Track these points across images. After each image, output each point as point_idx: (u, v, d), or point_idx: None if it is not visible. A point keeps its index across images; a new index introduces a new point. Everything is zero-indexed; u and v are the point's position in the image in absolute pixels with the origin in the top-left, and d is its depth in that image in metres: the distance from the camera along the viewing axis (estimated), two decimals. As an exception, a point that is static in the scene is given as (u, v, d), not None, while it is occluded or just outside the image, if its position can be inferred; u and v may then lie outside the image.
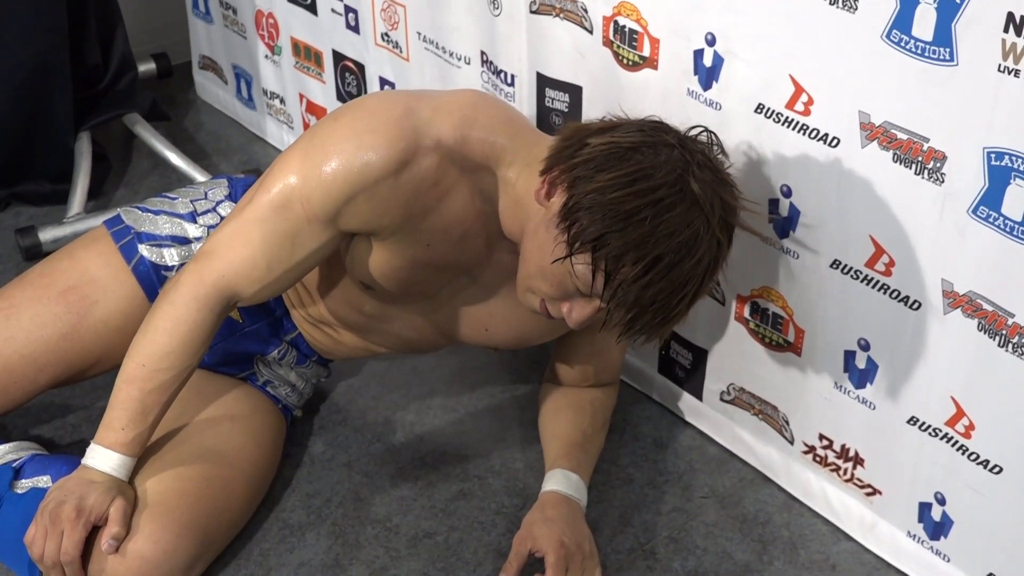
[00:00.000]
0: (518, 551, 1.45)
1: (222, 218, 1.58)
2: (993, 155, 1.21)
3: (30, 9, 2.05)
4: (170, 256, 1.56)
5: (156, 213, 1.59)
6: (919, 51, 1.22)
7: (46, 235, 2.09)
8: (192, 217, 1.59)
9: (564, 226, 1.26)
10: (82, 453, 1.43)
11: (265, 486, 1.58)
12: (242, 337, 1.60)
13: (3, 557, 1.48)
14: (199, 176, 2.25)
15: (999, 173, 1.21)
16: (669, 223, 1.22)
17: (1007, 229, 1.22)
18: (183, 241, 1.57)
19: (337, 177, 1.33)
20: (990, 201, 1.23)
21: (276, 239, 1.37)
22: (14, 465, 1.51)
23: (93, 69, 2.29)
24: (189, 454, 1.48)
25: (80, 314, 1.52)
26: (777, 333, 1.55)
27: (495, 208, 1.39)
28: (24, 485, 1.48)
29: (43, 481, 1.48)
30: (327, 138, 1.35)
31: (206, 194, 1.63)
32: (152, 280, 1.55)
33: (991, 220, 1.23)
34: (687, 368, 1.72)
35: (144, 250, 1.55)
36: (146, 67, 2.56)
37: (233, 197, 1.62)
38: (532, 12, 1.64)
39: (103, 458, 1.40)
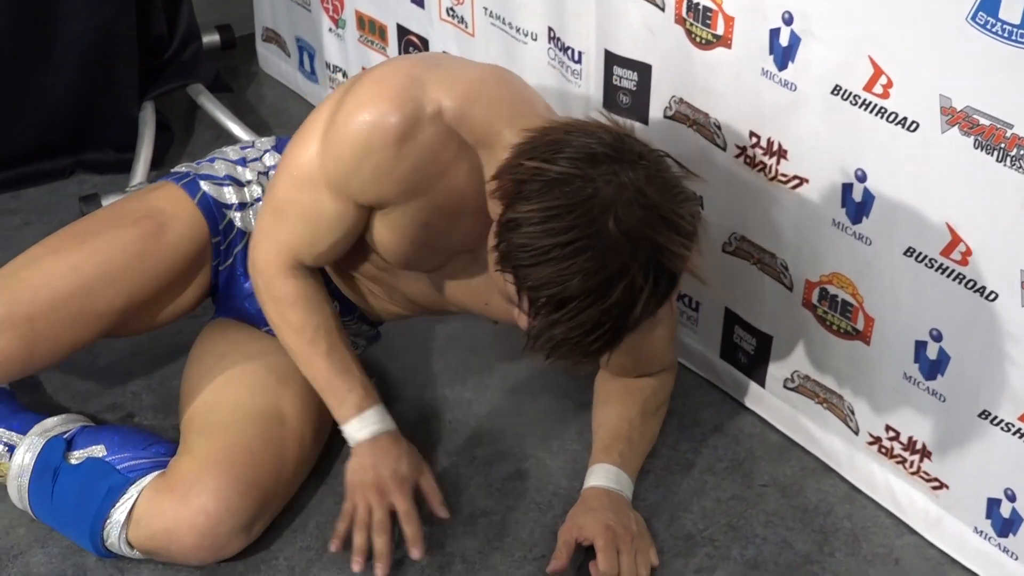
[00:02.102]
0: (565, 540, 1.44)
1: (268, 167, 1.63)
2: (1082, 143, 1.17)
3: (98, -22, 2.06)
4: (228, 194, 1.59)
5: (211, 160, 1.64)
6: (1006, 34, 1.18)
7: (109, 203, 2.10)
8: (243, 162, 1.63)
9: (495, 243, 1.22)
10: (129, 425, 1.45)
11: (317, 448, 1.59)
12: None
13: (62, 527, 1.50)
14: (261, 148, 2.25)
15: (1087, 162, 1.17)
16: (577, 266, 1.14)
17: (1093, 220, 1.19)
18: (238, 183, 1.60)
19: (344, 149, 1.34)
20: (1076, 191, 1.19)
21: (310, 217, 1.41)
22: (65, 437, 1.52)
23: (158, 39, 2.30)
24: (245, 414, 1.50)
25: (154, 236, 1.55)
26: (846, 321, 1.51)
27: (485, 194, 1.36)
28: (78, 456, 1.50)
29: (97, 451, 1.50)
30: (339, 110, 1.35)
31: (253, 143, 1.69)
32: (214, 213, 1.58)
33: (1077, 210, 1.20)
34: (750, 354, 1.69)
35: (205, 186, 1.58)
36: (210, 39, 2.56)
37: (278, 148, 1.65)
38: (604, -10, 1.62)
39: (364, 423, 1.47)
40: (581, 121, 1.26)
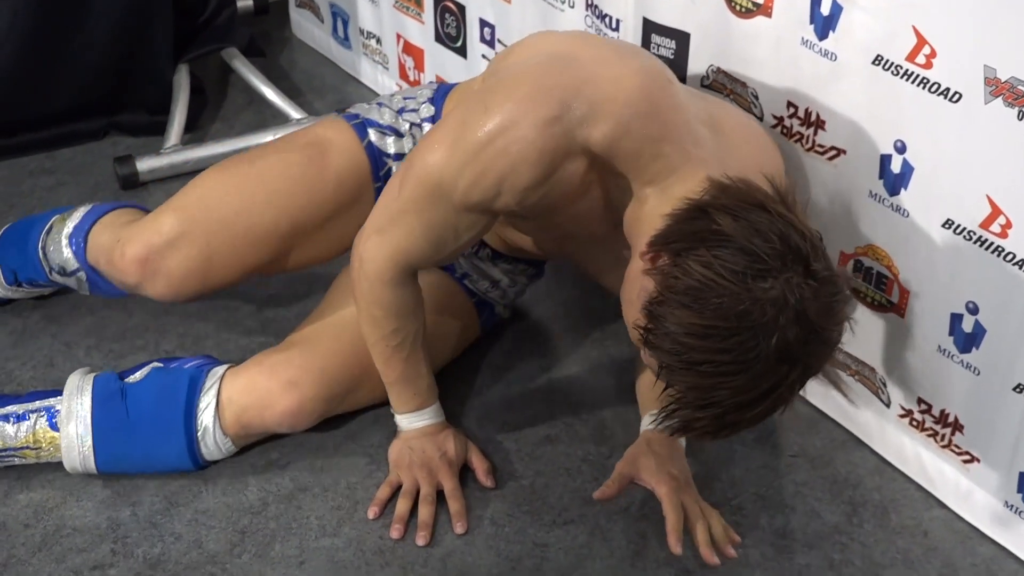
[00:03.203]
0: (621, 473, 1.44)
1: (422, 120, 1.60)
2: None
3: (135, -59, 2.07)
4: (390, 144, 1.59)
5: (379, 105, 1.63)
6: (1054, 4, 1.17)
7: (143, 165, 2.11)
8: (403, 112, 1.62)
9: (643, 316, 1.19)
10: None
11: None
12: None
13: (148, 446, 1.50)
14: (294, 113, 2.25)
15: None
16: (729, 383, 1.14)
17: None
18: (399, 133, 1.60)
19: (487, 176, 1.30)
20: (1121, 163, 1.18)
21: (435, 228, 1.38)
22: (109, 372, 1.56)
23: (193, 2, 2.31)
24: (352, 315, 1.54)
25: (320, 165, 1.56)
26: (880, 293, 1.51)
27: (623, 208, 1.35)
28: (137, 376, 1.53)
29: (154, 365, 1.55)
30: (476, 131, 1.30)
31: (417, 92, 1.65)
32: (377, 160, 1.59)
33: (1120, 183, 1.19)
34: (783, 325, 1.69)
35: (372, 133, 1.59)
36: (243, 3, 2.58)
37: (435, 100, 1.62)
38: (644, -43, 1.61)
39: (414, 419, 1.54)
40: (745, 192, 1.19)
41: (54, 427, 1.51)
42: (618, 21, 1.71)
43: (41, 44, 2.09)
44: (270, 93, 2.31)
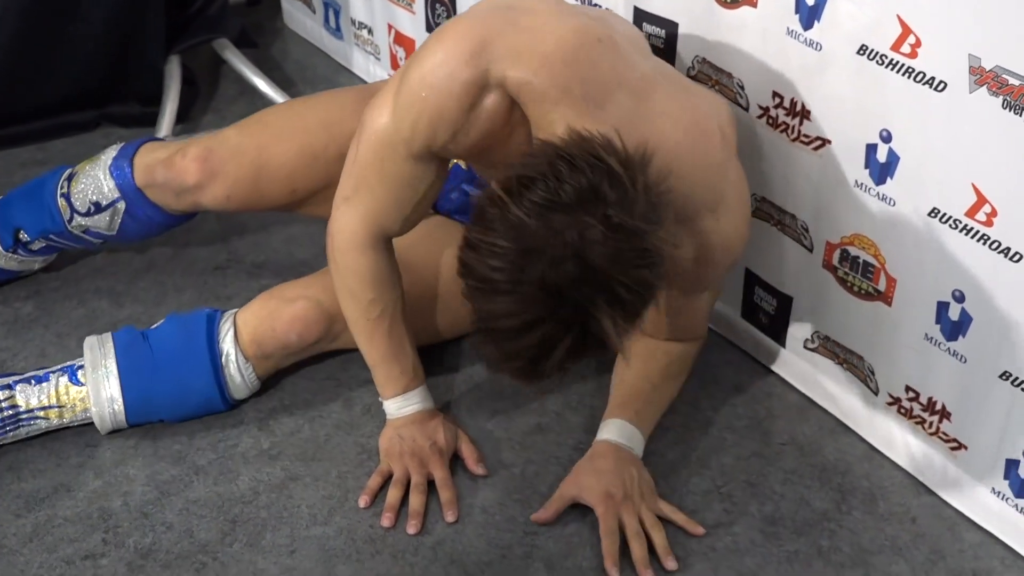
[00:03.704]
0: (562, 495, 1.48)
1: None
2: (1111, 103, 1.17)
3: (127, -69, 2.07)
4: None
5: None
6: (1038, -7, 1.18)
7: (135, 156, 2.11)
8: None
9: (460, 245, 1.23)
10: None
11: (437, 310, 1.67)
12: (475, 178, 1.69)
13: (178, 382, 1.56)
14: (285, 104, 2.25)
15: (1116, 122, 1.17)
16: (498, 306, 1.17)
17: (1120, 181, 1.18)
18: None
19: (421, 115, 1.35)
20: (1104, 151, 1.19)
21: (394, 184, 1.42)
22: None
23: (185, -7, 2.31)
24: None
25: (368, 100, 1.57)
26: (867, 282, 1.52)
27: None
28: (155, 325, 1.60)
29: (168, 317, 1.61)
30: (411, 75, 1.36)
31: None
32: None
33: (1104, 171, 1.20)
34: (771, 315, 1.69)
35: None
36: (235, -7, 2.57)
37: None
38: (631, -54, 1.61)
39: (402, 404, 1.55)
40: (590, 142, 1.20)
41: (76, 382, 1.54)
42: (609, 9, 1.71)
43: (33, 35, 2.09)
44: (262, 84, 2.31)
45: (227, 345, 1.58)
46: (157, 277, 1.88)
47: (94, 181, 1.68)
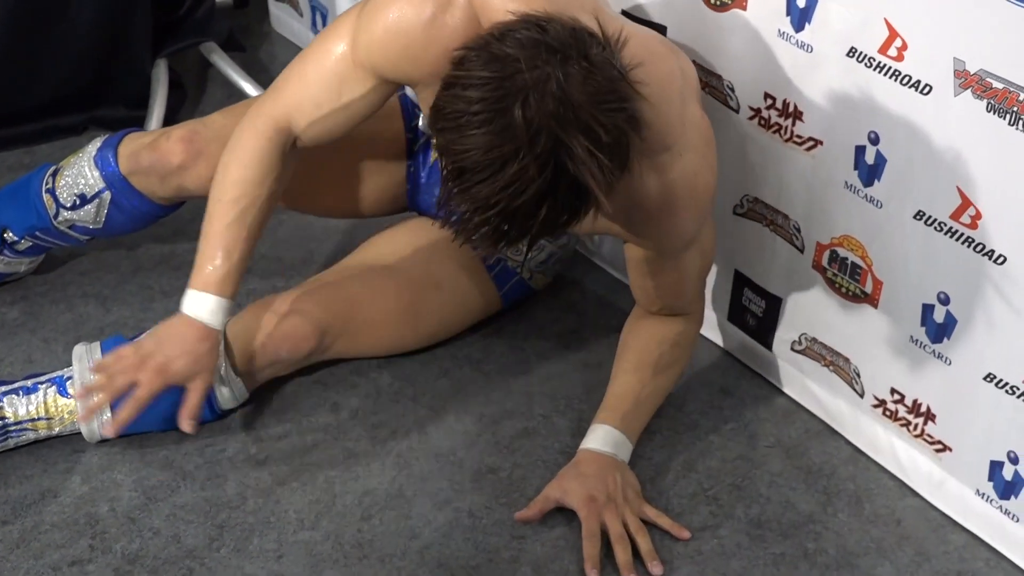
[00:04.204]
0: (546, 496, 1.48)
1: None
2: (1094, 107, 1.17)
3: (114, -66, 2.06)
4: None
5: None
6: (1021, -2, 1.19)
7: (122, 160, 2.11)
8: None
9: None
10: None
11: (426, 316, 1.68)
12: None
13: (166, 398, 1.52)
14: (273, 107, 2.25)
15: (1099, 126, 1.17)
16: (475, 138, 1.14)
17: (1103, 184, 1.19)
18: None
19: (376, 26, 1.36)
20: (1087, 155, 1.20)
21: (326, 78, 1.42)
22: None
23: (171, -3, 2.30)
24: (358, 260, 1.69)
25: None
26: (855, 283, 1.52)
27: None
28: (143, 335, 1.56)
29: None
30: None
31: None
32: (410, 109, 1.72)
33: (1087, 174, 1.20)
34: (759, 317, 1.70)
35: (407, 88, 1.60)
36: (222, -4, 2.57)
37: None
38: (619, -51, 1.62)
39: (198, 302, 1.48)
40: (573, 16, 1.21)
41: (64, 394, 1.53)
42: (594, 14, 1.71)
43: (19, 38, 2.08)
44: (249, 87, 2.30)
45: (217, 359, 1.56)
46: (144, 280, 1.88)
47: (79, 173, 1.67)
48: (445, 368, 1.74)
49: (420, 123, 1.74)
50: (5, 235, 1.74)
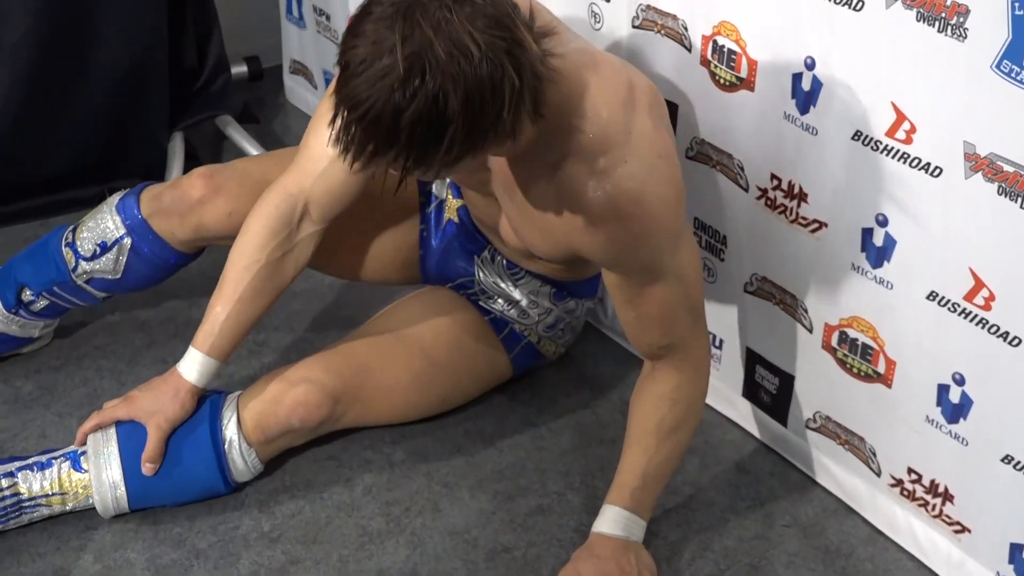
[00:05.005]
0: None
1: None
2: (1105, 193, 1.18)
3: (132, 9, 2.09)
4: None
5: None
6: (1031, 83, 1.19)
7: (138, 233, 2.12)
8: None
9: None
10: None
11: (438, 381, 1.70)
12: (458, 236, 1.75)
13: (181, 471, 1.56)
14: (287, 179, 2.27)
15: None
16: (358, 33, 1.17)
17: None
18: None
19: None
20: (1100, 240, 1.20)
21: (321, 133, 1.47)
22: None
23: (189, 70, 2.33)
24: (368, 329, 1.71)
25: None
26: (866, 364, 1.52)
27: None
28: None
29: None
30: None
31: None
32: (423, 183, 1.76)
33: (1100, 259, 1.20)
34: (773, 394, 1.69)
35: None
36: (237, 69, 2.60)
37: None
38: (634, 27, 1.64)
39: (187, 356, 1.58)
40: None
41: (79, 468, 1.54)
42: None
43: (38, 110, 2.11)
44: (264, 159, 2.33)
45: (230, 432, 1.57)
46: (159, 355, 1.89)
47: (100, 222, 1.72)
48: (458, 443, 1.73)
49: (433, 188, 1.76)
50: (22, 295, 1.76)
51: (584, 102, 1.32)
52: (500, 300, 1.74)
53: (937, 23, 1.26)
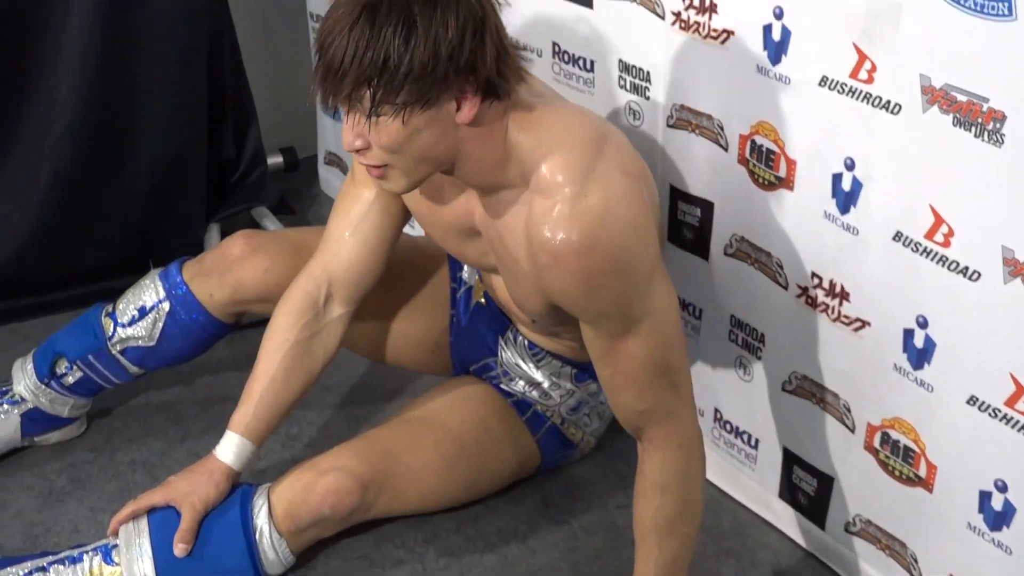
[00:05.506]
0: None
1: None
2: None
3: (173, 103, 2.13)
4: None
5: None
6: (1071, 189, 1.19)
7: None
8: None
9: None
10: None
11: (465, 462, 1.69)
12: (484, 317, 1.78)
13: (212, 566, 1.56)
14: (322, 270, 2.29)
15: None
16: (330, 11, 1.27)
17: None
18: None
19: None
20: None
21: (340, 211, 1.61)
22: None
23: (226, 162, 2.36)
24: (395, 419, 1.74)
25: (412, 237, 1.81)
26: (908, 467, 1.50)
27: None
28: None
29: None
30: None
31: None
32: (454, 260, 1.80)
33: None
34: (810, 495, 1.67)
35: None
36: (273, 160, 2.63)
37: None
38: (669, 126, 1.65)
39: (223, 439, 1.62)
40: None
41: (110, 562, 1.54)
42: (640, 189, 1.74)
43: (79, 203, 2.13)
44: (299, 250, 2.34)
45: (261, 521, 1.57)
46: (192, 448, 1.88)
47: (141, 289, 1.77)
48: (491, 543, 1.71)
49: (464, 274, 1.78)
50: (56, 367, 1.78)
51: (552, 139, 1.38)
52: (521, 382, 1.75)
53: (974, 128, 1.26)
